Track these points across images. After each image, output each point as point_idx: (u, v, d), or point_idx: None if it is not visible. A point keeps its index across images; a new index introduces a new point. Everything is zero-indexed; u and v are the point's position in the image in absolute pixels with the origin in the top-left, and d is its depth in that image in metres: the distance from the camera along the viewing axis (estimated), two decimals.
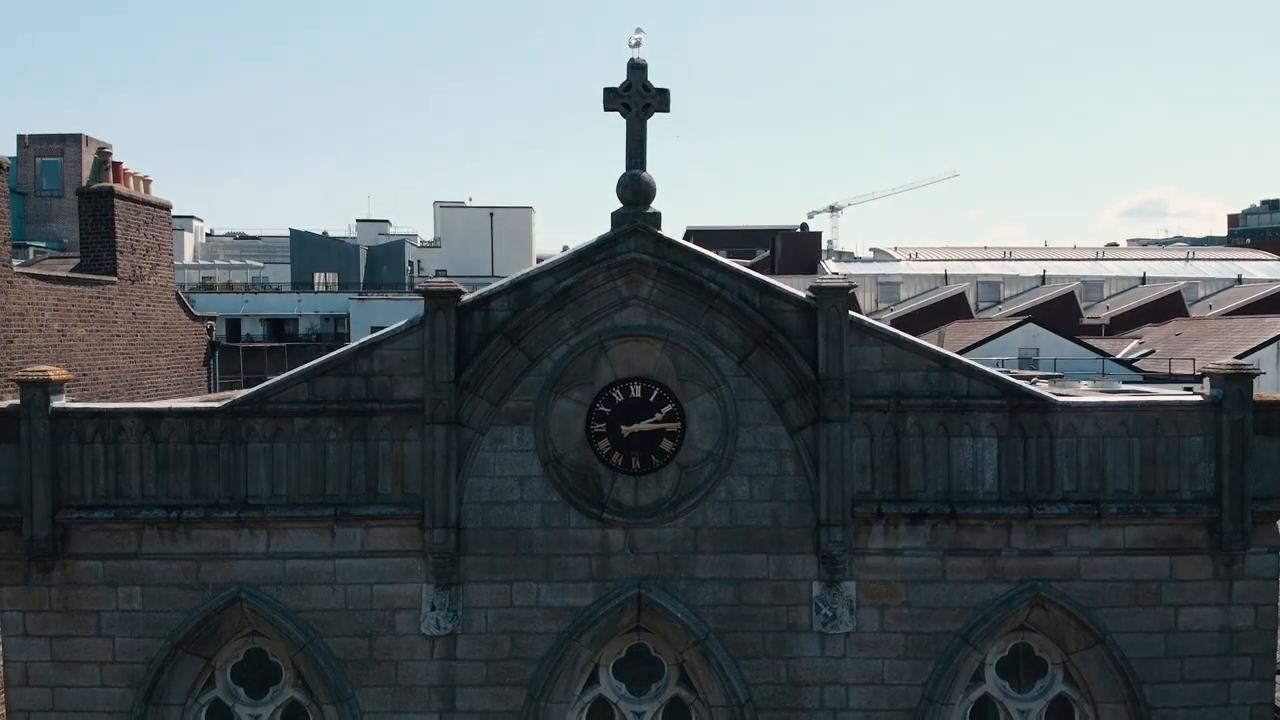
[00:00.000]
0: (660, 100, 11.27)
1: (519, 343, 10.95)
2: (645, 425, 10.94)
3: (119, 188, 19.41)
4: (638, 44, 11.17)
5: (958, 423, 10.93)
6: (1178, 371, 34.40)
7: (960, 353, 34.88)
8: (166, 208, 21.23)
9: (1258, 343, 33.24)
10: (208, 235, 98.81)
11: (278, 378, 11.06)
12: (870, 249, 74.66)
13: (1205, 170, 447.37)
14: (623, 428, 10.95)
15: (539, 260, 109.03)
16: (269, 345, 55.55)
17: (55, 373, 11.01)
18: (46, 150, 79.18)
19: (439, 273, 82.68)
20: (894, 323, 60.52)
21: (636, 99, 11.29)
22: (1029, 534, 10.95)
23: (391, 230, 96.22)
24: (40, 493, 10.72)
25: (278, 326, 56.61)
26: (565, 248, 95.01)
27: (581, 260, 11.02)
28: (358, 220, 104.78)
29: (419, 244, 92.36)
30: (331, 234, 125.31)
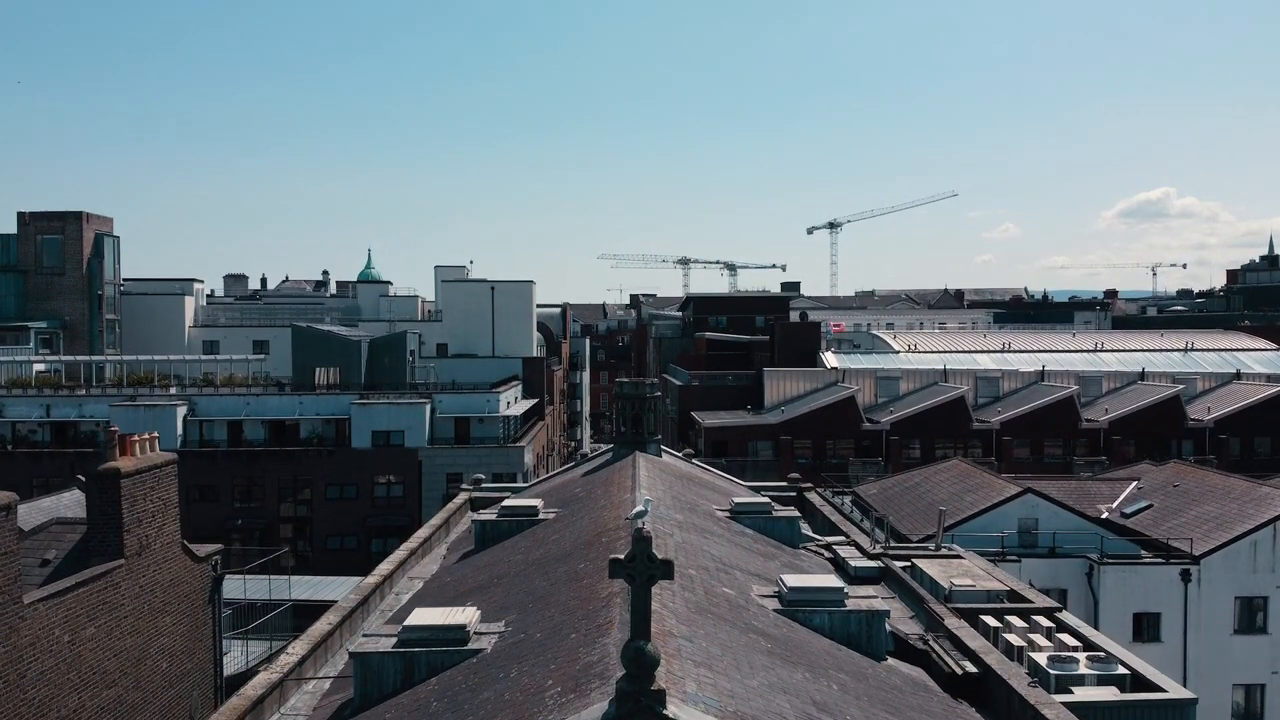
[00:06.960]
0: (664, 570, 11.47)
1: None
2: None
3: (124, 466, 19.55)
4: (640, 517, 11.37)
5: None
6: (1175, 545, 34.71)
7: (961, 524, 35.05)
8: (172, 464, 21.46)
9: (1256, 523, 33.16)
10: (208, 298, 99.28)
11: None
12: (871, 333, 74.90)
13: (1205, 171, 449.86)
14: None
15: (539, 330, 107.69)
16: (270, 449, 55.73)
17: None
18: (47, 228, 79.65)
19: (440, 348, 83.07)
20: (894, 426, 60.58)
21: (641, 569, 11.46)
22: None
23: (393, 291, 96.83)
24: None
25: (279, 428, 56.70)
26: (566, 303, 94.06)
27: None
28: (358, 281, 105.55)
29: (420, 311, 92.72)
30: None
